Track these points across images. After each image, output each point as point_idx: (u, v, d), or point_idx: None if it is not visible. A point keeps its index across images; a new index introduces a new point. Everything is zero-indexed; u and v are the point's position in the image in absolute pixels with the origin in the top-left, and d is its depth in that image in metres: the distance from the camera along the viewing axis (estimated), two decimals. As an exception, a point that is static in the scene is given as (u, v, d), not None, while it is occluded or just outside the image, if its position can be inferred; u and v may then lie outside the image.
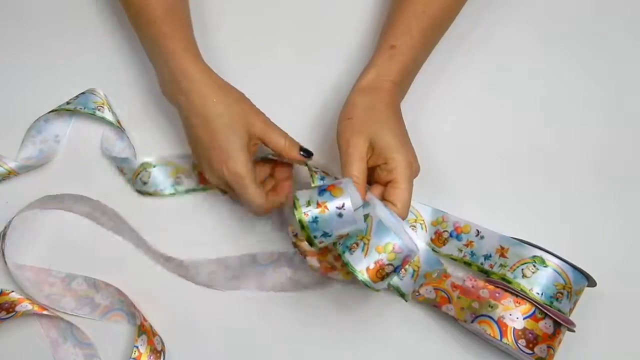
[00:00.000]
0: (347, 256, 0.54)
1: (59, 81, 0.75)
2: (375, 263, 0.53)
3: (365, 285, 0.53)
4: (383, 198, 0.60)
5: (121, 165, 0.72)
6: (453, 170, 0.72)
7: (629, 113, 0.75)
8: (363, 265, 0.53)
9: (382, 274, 0.53)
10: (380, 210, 0.57)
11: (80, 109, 0.72)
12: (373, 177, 0.62)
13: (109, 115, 0.73)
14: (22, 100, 0.75)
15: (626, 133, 0.74)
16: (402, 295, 0.59)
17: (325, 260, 0.62)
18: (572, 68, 0.76)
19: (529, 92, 0.75)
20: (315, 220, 0.53)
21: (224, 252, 0.70)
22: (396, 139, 0.61)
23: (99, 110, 0.73)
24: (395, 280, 0.57)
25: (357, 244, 0.54)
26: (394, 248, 0.53)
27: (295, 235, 0.61)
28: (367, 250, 0.53)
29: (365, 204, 0.58)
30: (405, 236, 0.56)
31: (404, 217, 0.59)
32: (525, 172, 0.72)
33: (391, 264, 0.53)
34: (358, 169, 0.60)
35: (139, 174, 0.71)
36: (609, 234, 0.71)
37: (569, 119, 0.74)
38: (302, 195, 0.54)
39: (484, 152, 0.73)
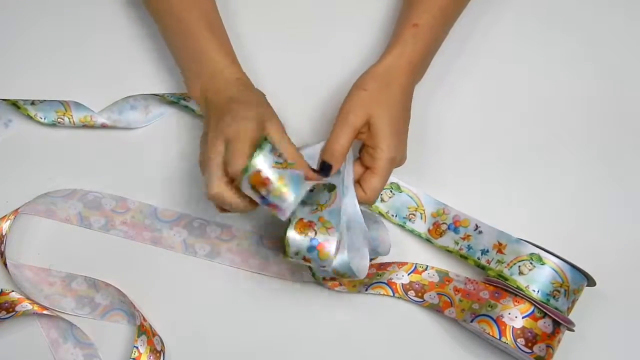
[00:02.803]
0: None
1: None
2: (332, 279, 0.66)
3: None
4: (358, 180, 0.63)
5: None
6: (454, 164, 0.73)
7: (629, 112, 0.75)
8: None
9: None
10: (349, 205, 0.62)
11: (41, 118, 0.73)
12: (361, 153, 0.64)
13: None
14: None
15: (627, 133, 0.74)
16: None
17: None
18: (576, 65, 0.76)
19: (529, 89, 0.75)
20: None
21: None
22: (391, 128, 0.62)
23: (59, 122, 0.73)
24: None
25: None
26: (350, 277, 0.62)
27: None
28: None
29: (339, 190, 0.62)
30: (359, 235, 0.62)
31: (371, 203, 0.64)
32: (526, 171, 0.72)
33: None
34: (345, 138, 0.61)
35: None
36: (609, 234, 0.71)
37: (570, 118, 0.74)
38: (294, 243, 0.58)
39: (484, 149, 0.73)
